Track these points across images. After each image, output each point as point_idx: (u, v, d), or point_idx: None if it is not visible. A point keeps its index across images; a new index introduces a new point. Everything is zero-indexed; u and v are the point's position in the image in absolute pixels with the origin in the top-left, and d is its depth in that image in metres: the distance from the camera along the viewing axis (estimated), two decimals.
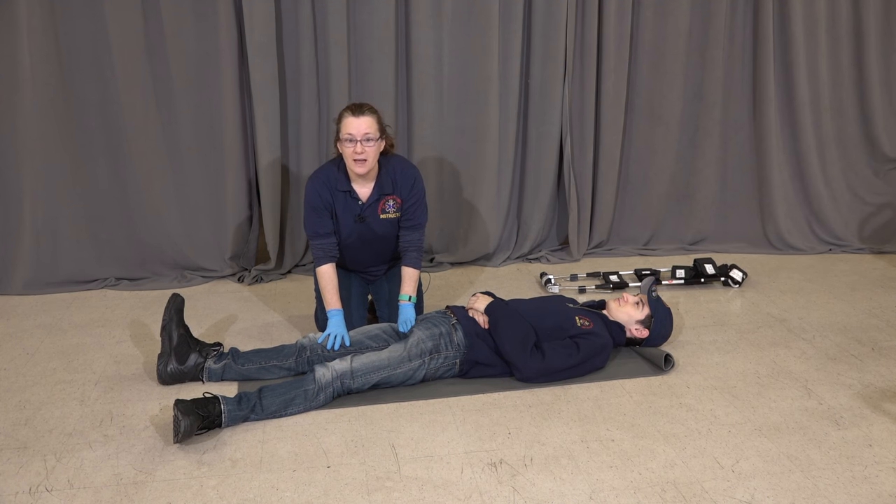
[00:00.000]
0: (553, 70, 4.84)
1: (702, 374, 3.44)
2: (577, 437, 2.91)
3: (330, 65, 4.56)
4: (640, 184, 5.24)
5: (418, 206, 3.65)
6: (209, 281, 4.76)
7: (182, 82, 4.47)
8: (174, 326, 3.38)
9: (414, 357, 3.29)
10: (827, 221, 5.33)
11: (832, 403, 3.17)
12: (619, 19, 4.84)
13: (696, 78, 5.08)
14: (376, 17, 4.53)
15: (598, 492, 2.58)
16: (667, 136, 5.14)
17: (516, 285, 4.68)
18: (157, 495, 2.58)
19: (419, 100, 4.74)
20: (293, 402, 3.08)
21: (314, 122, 4.68)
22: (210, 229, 4.74)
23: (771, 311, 4.20)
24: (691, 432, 2.95)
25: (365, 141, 3.37)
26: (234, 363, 3.39)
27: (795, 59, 5.04)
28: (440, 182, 4.95)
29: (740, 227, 5.38)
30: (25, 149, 4.35)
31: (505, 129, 4.89)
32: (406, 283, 3.64)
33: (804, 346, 3.74)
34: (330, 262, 3.59)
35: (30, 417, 3.10)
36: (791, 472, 2.68)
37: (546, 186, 5.07)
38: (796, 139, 5.21)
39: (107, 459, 2.79)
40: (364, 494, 2.58)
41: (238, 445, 2.87)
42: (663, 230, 5.36)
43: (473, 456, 2.80)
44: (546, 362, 3.28)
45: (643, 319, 3.60)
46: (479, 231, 5.02)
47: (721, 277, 4.62)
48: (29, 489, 2.62)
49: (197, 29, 4.40)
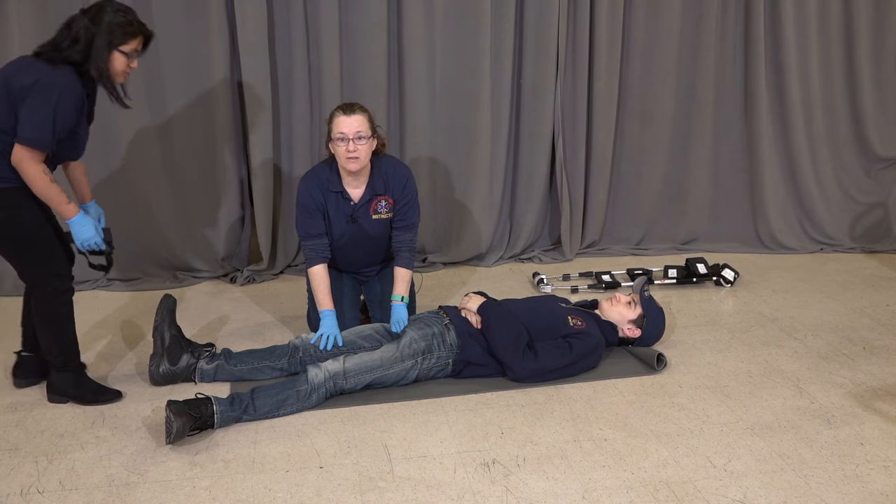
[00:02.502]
0: (545, 70, 4.85)
1: (694, 374, 3.45)
2: (570, 437, 2.91)
3: (322, 65, 4.55)
4: (633, 183, 5.25)
5: (410, 207, 3.64)
6: (201, 281, 4.75)
7: (174, 82, 4.46)
8: (166, 327, 3.38)
9: (406, 357, 3.29)
10: (818, 221, 5.34)
11: (824, 402, 3.18)
12: (611, 19, 4.85)
13: (688, 78, 5.09)
14: (368, 17, 4.53)
15: (590, 491, 2.58)
16: (659, 135, 5.15)
17: (509, 285, 4.69)
18: (150, 496, 2.57)
19: (411, 100, 4.74)
20: (286, 403, 3.07)
21: (306, 122, 4.67)
22: (202, 230, 4.73)
23: (763, 311, 4.21)
24: (684, 431, 2.95)
25: (357, 139, 3.36)
26: (226, 364, 3.38)
27: (787, 58, 5.05)
28: (432, 182, 4.95)
29: (732, 226, 5.39)
30: None
31: (497, 129, 4.89)
32: (399, 284, 3.63)
33: (796, 346, 3.75)
34: (322, 263, 3.59)
35: (21, 419, 3.09)
36: (783, 471, 2.69)
37: (538, 186, 5.07)
38: (788, 139, 5.22)
39: (99, 461, 2.78)
40: (357, 495, 2.57)
41: (230, 446, 2.86)
42: (655, 230, 5.37)
43: (466, 456, 2.80)
44: (539, 362, 3.29)
45: (635, 319, 3.61)
46: (472, 231, 5.02)
47: (713, 277, 4.63)
48: (20, 491, 2.61)
49: (189, 29, 4.39)
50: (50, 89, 2.85)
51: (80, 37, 2.89)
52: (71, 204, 3.01)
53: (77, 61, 2.91)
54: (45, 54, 2.90)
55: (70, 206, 3.01)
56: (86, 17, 2.92)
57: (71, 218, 3.03)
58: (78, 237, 3.07)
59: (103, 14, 2.92)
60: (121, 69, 3.00)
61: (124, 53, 2.97)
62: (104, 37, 2.91)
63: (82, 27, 2.90)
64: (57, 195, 2.96)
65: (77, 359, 3.24)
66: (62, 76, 2.88)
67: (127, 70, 3.03)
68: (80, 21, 2.92)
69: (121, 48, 2.95)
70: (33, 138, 2.85)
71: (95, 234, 3.09)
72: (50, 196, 2.95)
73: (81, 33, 2.89)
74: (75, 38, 2.90)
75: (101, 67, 2.94)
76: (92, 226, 3.08)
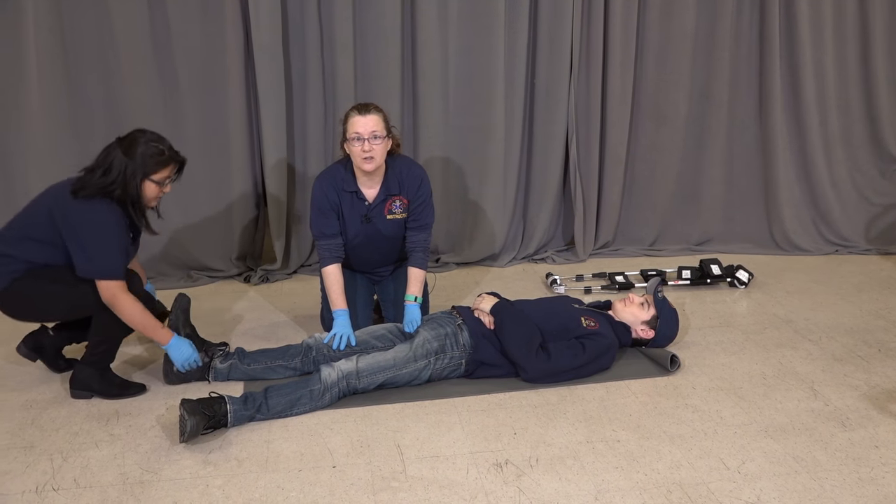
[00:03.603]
0: (559, 69, 4.84)
1: (708, 375, 3.44)
2: (583, 438, 2.91)
3: (336, 65, 4.56)
4: (646, 184, 5.24)
5: (425, 207, 3.65)
6: (215, 281, 4.77)
7: (188, 82, 4.48)
8: (180, 326, 3.40)
9: (420, 357, 3.29)
10: (833, 222, 5.32)
11: (839, 405, 3.16)
12: (626, 19, 4.84)
13: (703, 78, 5.08)
14: (382, 17, 4.53)
15: (603, 492, 2.58)
16: (673, 136, 5.13)
17: (522, 286, 4.68)
18: (163, 494, 2.58)
19: (425, 100, 4.74)
20: (299, 402, 3.08)
21: (320, 122, 4.68)
22: (216, 229, 4.74)
23: (777, 312, 4.20)
24: (697, 433, 2.94)
25: (372, 139, 3.37)
26: (239, 363, 3.39)
27: (802, 58, 5.03)
28: (446, 182, 4.95)
29: (746, 227, 5.37)
30: (31, 147, 4.37)
31: (511, 129, 4.89)
32: (412, 284, 3.64)
33: (810, 348, 3.74)
34: (336, 263, 3.59)
35: (36, 417, 3.11)
36: (797, 474, 2.68)
37: (552, 186, 5.06)
38: (802, 139, 5.20)
39: (113, 459, 2.80)
40: (370, 494, 2.58)
41: (244, 445, 2.87)
42: (669, 231, 5.35)
43: (479, 456, 2.80)
44: (552, 363, 3.28)
45: (649, 320, 3.60)
46: (485, 231, 5.02)
47: (727, 278, 4.61)
48: (35, 488, 2.62)
49: (203, 28, 4.41)
50: (98, 225, 3.02)
51: (112, 167, 3.04)
52: (164, 329, 3.25)
53: (112, 192, 3.05)
54: (83, 190, 3.03)
55: (164, 332, 3.25)
56: (120, 149, 3.06)
57: (167, 343, 3.24)
58: (178, 360, 3.28)
59: (136, 146, 3.07)
60: (152, 196, 3.17)
61: (156, 182, 3.12)
62: (138, 168, 3.06)
63: (116, 158, 3.04)
64: (152, 323, 3.18)
65: (112, 359, 3.31)
66: (102, 212, 3.03)
67: (159, 195, 3.19)
68: (114, 152, 3.06)
69: (153, 178, 3.10)
70: (108, 269, 3.04)
71: (193, 351, 3.29)
72: (146, 325, 3.15)
73: (115, 164, 3.04)
74: (108, 169, 3.03)
75: (133, 196, 3.09)
76: (188, 345, 3.30)
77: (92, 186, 3.02)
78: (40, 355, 3.45)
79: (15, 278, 3.11)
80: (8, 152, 4.38)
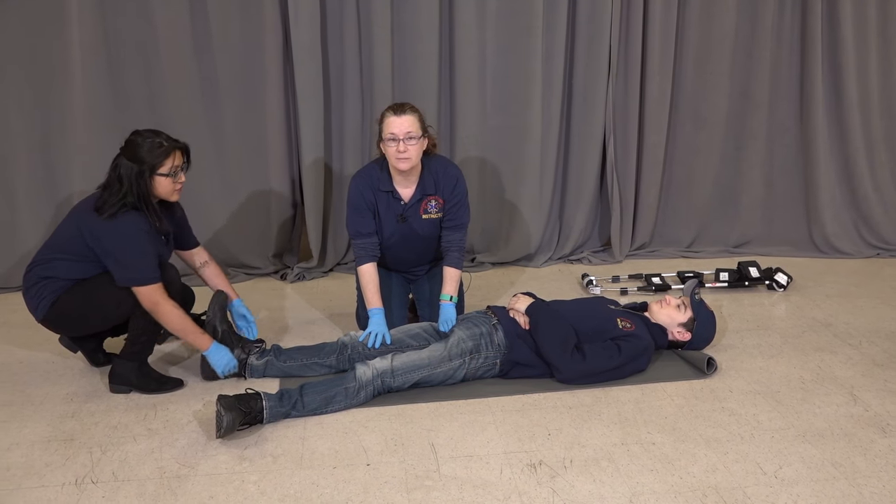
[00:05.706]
0: (597, 70, 4.82)
1: (745, 379, 3.40)
2: (618, 440, 2.89)
3: (373, 64, 4.58)
4: (684, 185, 5.20)
5: (460, 207, 3.65)
6: (252, 278, 4.81)
7: (227, 80, 4.52)
8: (217, 322, 3.43)
9: (454, 357, 3.29)
10: (875, 225, 5.24)
11: (879, 410, 3.12)
12: (665, 19, 4.81)
13: (742, 79, 5.03)
14: (420, 16, 4.55)
15: (638, 495, 2.57)
16: (711, 137, 5.09)
17: (557, 286, 4.67)
18: (200, 489, 2.61)
19: (462, 100, 4.74)
20: (334, 400, 3.10)
21: (357, 121, 4.70)
22: (254, 227, 4.79)
23: (816, 316, 4.14)
24: (733, 437, 2.92)
25: (407, 139, 3.38)
26: (275, 360, 3.42)
27: (844, 59, 4.96)
28: (482, 182, 4.95)
29: (786, 230, 5.31)
30: (74, 143, 4.43)
31: (548, 130, 4.88)
32: (447, 283, 3.64)
33: (850, 352, 3.69)
34: (371, 262, 3.61)
35: (77, 410, 3.15)
36: (835, 480, 2.64)
37: (588, 187, 5.05)
38: (844, 141, 5.13)
39: (150, 453, 2.83)
40: (403, 493, 2.59)
41: (279, 441, 2.89)
42: (707, 232, 5.31)
43: (513, 456, 2.79)
44: (587, 364, 3.27)
45: (685, 322, 3.57)
46: (521, 231, 5.01)
47: (765, 281, 4.57)
48: (75, 480, 2.66)
49: (243, 27, 4.45)
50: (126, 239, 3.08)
51: (122, 176, 3.09)
52: (204, 335, 3.29)
53: (129, 202, 3.10)
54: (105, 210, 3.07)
55: (204, 338, 3.29)
56: (123, 156, 3.11)
57: (206, 349, 3.29)
58: (218, 366, 3.32)
59: (136, 146, 3.11)
60: (168, 190, 3.19)
61: (165, 175, 3.14)
62: (144, 167, 3.09)
63: (122, 166, 3.10)
64: (192, 328, 3.23)
65: (150, 352, 3.36)
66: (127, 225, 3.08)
67: (175, 188, 3.21)
68: (119, 160, 3.12)
69: (160, 171, 3.13)
70: (143, 277, 3.10)
71: (231, 358, 3.36)
72: (186, 330, 3.21)
73: (123, 171, 3.09)
74: (119, 178, 3.09)
75: (145, 195, 3.12)
76: (227, 351, 3.34)
77: (111, 204, 3.07)
78: (80, 347, 3.50)
79: (58, 297, 3.18)
80: (53, 152, 4.45)
